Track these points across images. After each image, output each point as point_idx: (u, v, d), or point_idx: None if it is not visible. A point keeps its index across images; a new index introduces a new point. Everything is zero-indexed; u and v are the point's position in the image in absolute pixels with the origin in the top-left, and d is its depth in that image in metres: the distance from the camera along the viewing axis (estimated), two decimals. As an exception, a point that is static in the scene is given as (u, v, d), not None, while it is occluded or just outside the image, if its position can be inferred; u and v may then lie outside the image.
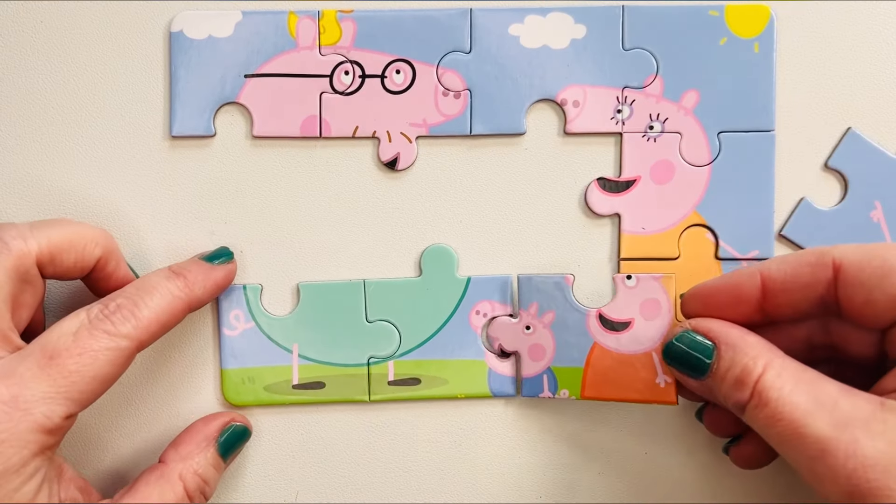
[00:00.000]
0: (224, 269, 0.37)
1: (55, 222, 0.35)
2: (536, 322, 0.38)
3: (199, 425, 0.37)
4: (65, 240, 0.34)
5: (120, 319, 0.33)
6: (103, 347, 0.32)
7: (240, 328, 0.39)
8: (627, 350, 0.37)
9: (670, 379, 0.37)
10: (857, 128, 0.39)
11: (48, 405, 0.31)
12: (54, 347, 0.32)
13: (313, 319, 0.39)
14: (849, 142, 0.39)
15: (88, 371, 0.32)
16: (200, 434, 0.36)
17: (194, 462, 0.35)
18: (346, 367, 0.39)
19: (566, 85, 0.39)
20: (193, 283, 0.35)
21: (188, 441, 0.36)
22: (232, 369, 0.39)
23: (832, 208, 0.39)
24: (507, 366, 0.39)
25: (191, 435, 0.36)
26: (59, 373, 0.31)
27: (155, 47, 0.39)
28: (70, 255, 0.34)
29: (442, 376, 0.39)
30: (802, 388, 0.30)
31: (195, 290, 0.35)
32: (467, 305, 0.39)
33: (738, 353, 0.32)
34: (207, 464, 0.36)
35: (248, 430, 0.38)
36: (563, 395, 0.38)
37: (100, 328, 0.32)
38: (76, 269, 0.35)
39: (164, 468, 0.35)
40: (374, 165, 0.39)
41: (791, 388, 0.30)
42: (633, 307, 0.37)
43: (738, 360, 0.32)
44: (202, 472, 0.35)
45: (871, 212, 0.38)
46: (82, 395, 0.32)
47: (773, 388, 0.30)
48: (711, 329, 0.33)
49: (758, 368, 0.31)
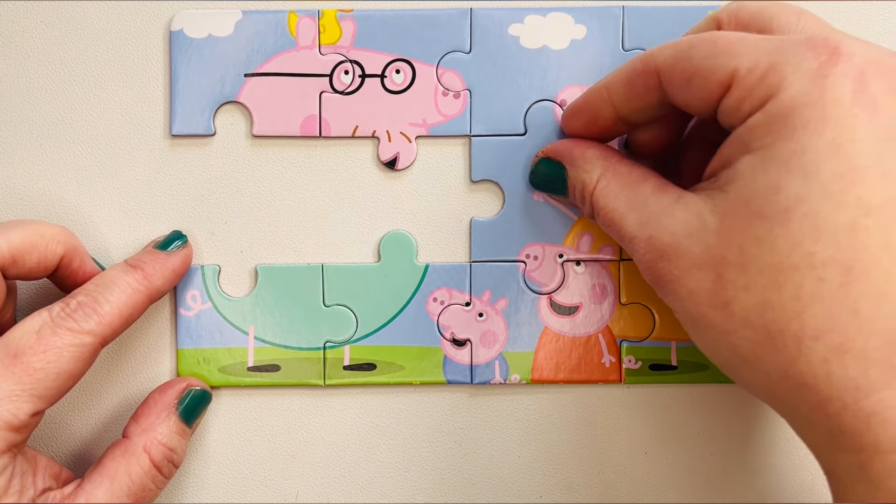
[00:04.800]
0: (180, 254, 0.37)
1: (13, 224, 0.35)
2: (489, 309, 0.39)
3: (157, 395, 0.37)
4: (25, 241, 0.34)
5: (82, 316, 0.33)
6: (67, 344, 0.32)
7: (196, 308, 0.39)
8: (575, 333, 0.39)
9: (615, 359, 0.39)
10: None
11: (14, 403, 0.31)
12: (17, 346, 0.32)
13: (270, 302, 0.39)
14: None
15: (53, 368, 0.32)
16: (159, 404, 0.36)
17: (157, 433, 0.35)
18: (302, 351, 0.39)
19: (566, 85, 0.39)
20: (152, 274, 0.36)
21: (147, 412, 0.36)
22: (188, 349, 0.39)
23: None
24: (462, 353, 0.39)
25: (149, 406, 0.36)
26: (24, 371, 0.31)
27: (155, 46, 0.39)
28: (32, 255, 0.34)
29: (398, 362, 0.39)
30: (624, 193, 0.33)
31: (154, 280, 0.36)
32: (425, 292, 0.39)
33: (578, 170, 0.35)
34: (171, 432, 0.36)
35: (206, 393, 0.38)
36: (514, 379, 0.39)
37: (63, 326, 0.33)
38: (40, 268, 0.35)
39: (127, 443, 0.35)
40: (374, 165, 0.39)
41: (616, 194, 0.33)
42: (583, 292, 0.39)
43: (578, 176, 0.35)
44: (166, 441, 0.35)
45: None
46: (48, 392, 0.32)
47: (601, 197, 0.34)
48: (557, 151, 0.36)
49: (592, 181, 0.34)
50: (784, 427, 0.40)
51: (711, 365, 0.39)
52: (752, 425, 0.40)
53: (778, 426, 0.40)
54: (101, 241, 0.39)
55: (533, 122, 0.39)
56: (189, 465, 0.40)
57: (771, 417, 0.40)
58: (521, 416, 0.40)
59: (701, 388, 0.40)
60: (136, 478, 0.34)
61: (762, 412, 0.40)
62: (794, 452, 0.40)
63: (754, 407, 0.40)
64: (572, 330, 0.39)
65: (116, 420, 0.40)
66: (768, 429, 0.40)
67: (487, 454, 0.40)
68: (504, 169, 0.39)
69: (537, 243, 0.39)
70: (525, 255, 0.39)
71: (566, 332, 0.39)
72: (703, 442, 0.40)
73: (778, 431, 0.40)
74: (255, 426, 0.40)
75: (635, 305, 0.39)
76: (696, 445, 0.40)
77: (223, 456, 0.40)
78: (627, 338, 0.39)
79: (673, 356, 0.39)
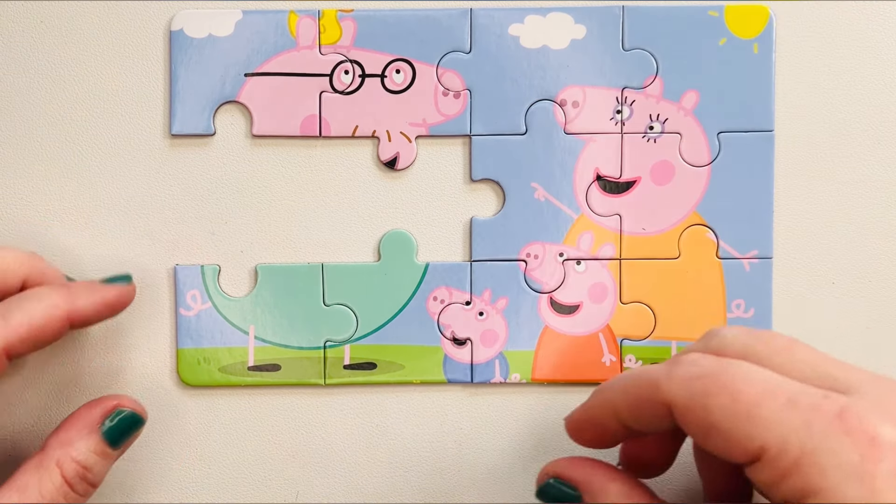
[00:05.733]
0: (116, 288, 0.36)
1: None
2: (489, 308, 0.39)
3: (84, 410, 0.35)
4: None
5: None
6: None
7: (196, 308, 0.39)
8: (576, 332, 0.39)
9: (615, 358, 0.39)
10: (857, 128, 0.39)
11: None
12: None
13: (270, 301, 0.39)
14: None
15: None
16: (82, 420, 0.35)
17: (73, 449, 0.34)
18: (302, 350, 0.39)
19: (566, 85, 0.39)
20: (77, 295, 0.34)
21: (69, 427, 0.35)
22: (188, 349, 0.39)
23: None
24: (463, 352, 0.39)
25: (73, 420, 0.35)
26: None
27: (155, 46, 0.39)
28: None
29: (398, 361, 0.39)
30: None
31: (77, 302, 0.34)
32: (425, 291, 0.39)
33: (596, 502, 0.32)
34: (88, 451, 0.34)
35: (138, 417, 0.36)
36: (514, 378, 0.39)
37: None
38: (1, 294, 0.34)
39: (42, 456, 0.34)
40: (374, 165, 0.39)
41: None
42: (583, 291, 0.38)
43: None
44: (82, 458, 0.34)
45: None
46: None
47: None
48: (573, 478, 0.33)
49: None
50: (784, 427, 0.40)
51: (712, 365, 0.39)
52: (752, 425, 0.40)
53: (778, 426, 0.40)
54: (100, 240, 0.39)
55: (533, 122, 0.39)
56: (189, 465, 0.40)
57: (771, 417, 0.40)
58: (521, 415, 0.40)
59: (701, 387, 0.40)
60: (47, 493, 0.33)
61: (762, 412, 0.40)
62: (794, 452, 0.40)
63: (754, 407, 0.40)
64: (572, 329, 0.39)
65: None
66: (768, 428, 0.40)
67: (487, 454, 0.40)
68: (504, 168, 0.39)
69: (538, 242, 0.39)
70: (525, 254, 0.39)
71: (566, 331, 0.39)
72: (703, 442, 0.40)
73: (778, 431, 0.40)
74: (255, 426, 0.40)
75: (636, 305, 0.39)
76: (697, 445, 0.40)
77: (223, 456, 0.40)
78: (628, 337, 0.39)
79: (673, 355, 0.39)
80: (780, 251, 0.39)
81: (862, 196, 0.39)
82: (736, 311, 0.39)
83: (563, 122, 0.39)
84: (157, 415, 0.40)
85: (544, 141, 0.39)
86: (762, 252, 0.39)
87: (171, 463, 0.40)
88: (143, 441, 0.40)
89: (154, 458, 0.40)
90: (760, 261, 0.39)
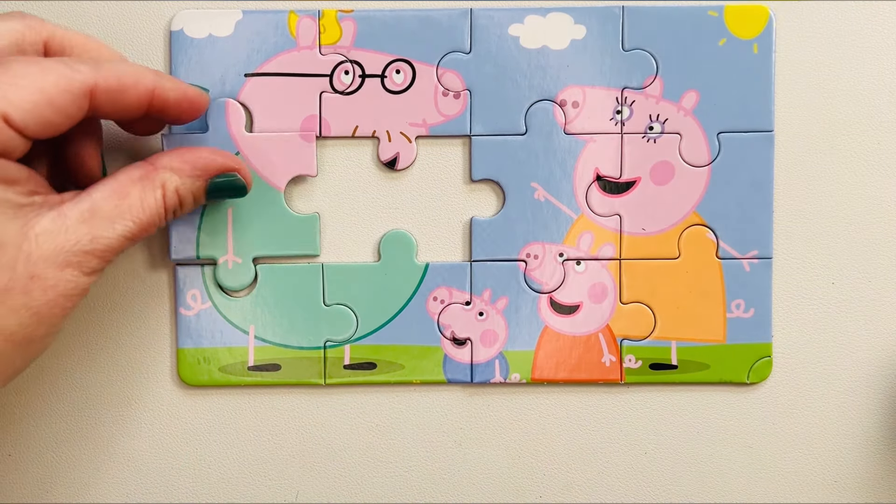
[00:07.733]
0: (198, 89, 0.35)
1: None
2: (489, 308, 0.39)
3: (206, 154, 0.35)
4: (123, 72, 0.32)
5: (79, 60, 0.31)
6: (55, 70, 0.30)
7: (196, 308, 0.39)
8: (576, 332, 0.39)
9: (615, 358, 0.39)
10: (857, 128, 0.39)
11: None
12: None
13: (270, 301, 0.39)
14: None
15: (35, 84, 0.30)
16: (201, 162, 0.34)
17: (180, 180, 0.34)
18: (303, 350, 0.39)
19: (566, 85, 0.39)
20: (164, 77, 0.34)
21: (188, 160, 0.34)
22: (188, 349, 0.39)
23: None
24: (463, 352, 0.39)
25: (192, 157, 0.34)
26: None
27: (155, 46, 0.39)
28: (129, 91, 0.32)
29: (398, 361, 0.39)
30: None
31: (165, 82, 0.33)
32: (425, 291, 0.39)
33: None
34: (189, 190, 0.34)
35: (243, 190, 0.36)
36: (514, 378, 0.39)
37: None
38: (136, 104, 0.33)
39: (150, 170, 0.33)
40: (374, 165, 0.39)
41: None
42: (583, 291, 0.39)
43: None
44: (183, 192, 0.34)
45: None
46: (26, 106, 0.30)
47: None
48: None
49: None
50: (785, 427, 0.40)
51: (712, 364, 0.39)
52: (752, 425, 0.40)
53: (779, 426, 0.40)
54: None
55: (533, 122, 0.39)
56: (189, 465, 0.40)
57: (771, 417, 0.40)
58: (521, 415, 0.40)
59: (701, 387, 0.40)
60: (147, 209, 0.32)
61: (762, 412, 0.40)
62: (794, 452, 0.40)
63: (755, 407, 0.40)
64: (572, 329, 0.39)
65: (115, 420, 0.40)
66: (769, 429, 0.40)
67: (487, 454, 0.40)
68: (504, 168, 0.39)
69: (537, 242, 0.39)
70: (525, 254, 0.39)
71: (566, 331, 0.39)
72: (703, 442, 0.40)
73: (779, 431, 0.40)
74: (255, 426, 0.40)
75: (636, 305, 0.39)
76: (696, 445, 0.40)
77: (223, 456, 0.40)
78: (628, 337, 0.39)
79: (673, 355, 0.39)
80: (780, 251, 0.39)
81: (862, 196, 0.39)
82: (736, 311, 0.39)
83: (562, 122, 0.39)
84: (157, 415, 0.40)
85: (544, 141, 0.39)
86: (762, 252, 0.39)
87: (171, 463, 0.40)
88: (144, 441, 0.40)
89: (154, 458, 0.40)
90: (760, 261, 0.39)
